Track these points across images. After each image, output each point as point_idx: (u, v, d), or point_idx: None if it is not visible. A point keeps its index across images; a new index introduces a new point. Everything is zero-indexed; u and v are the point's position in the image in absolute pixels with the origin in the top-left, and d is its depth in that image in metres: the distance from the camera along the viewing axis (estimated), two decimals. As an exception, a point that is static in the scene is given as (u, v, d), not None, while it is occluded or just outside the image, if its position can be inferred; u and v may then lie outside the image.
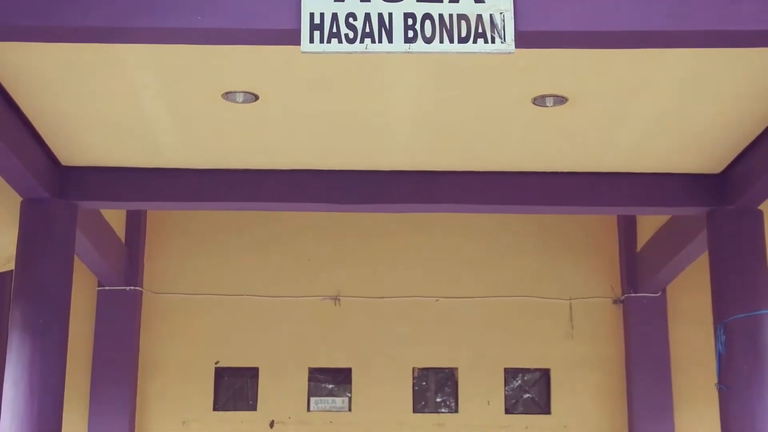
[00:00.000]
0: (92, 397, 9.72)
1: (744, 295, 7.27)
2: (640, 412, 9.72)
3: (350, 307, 10.24)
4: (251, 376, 10.22)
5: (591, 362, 10.12)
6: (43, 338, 7.14)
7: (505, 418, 10.06)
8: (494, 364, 10.17)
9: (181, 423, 9.97)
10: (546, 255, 10.37)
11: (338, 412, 10.11)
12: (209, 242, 10.39)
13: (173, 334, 10.16)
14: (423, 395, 10.28)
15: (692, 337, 9.89)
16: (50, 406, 7.10)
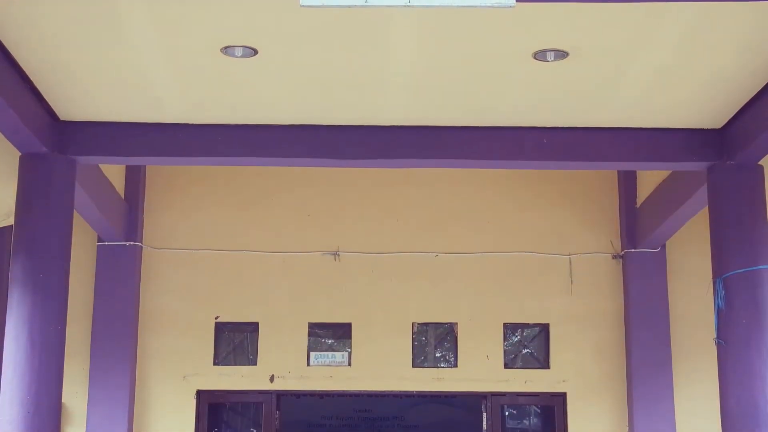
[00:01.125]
0: (93, 351, 9.76)
1: (743, 250, 7.28)
2: (639, 366, 9.77)
3: (350, 262, 10.25)
4: (251, 331, 10.25)
5: (590, 317, 10.15)
6: (44, 293, 7.15)
7: (504, 372, 10.12)
8: (493, 319, 10.21)
9: (182, 377, 10.03)
10: (546, 210, 10.37)
11: (338, 367, 10.17)
12: (209, 197, 10.39)
13: (173, 289, 10.18)
14: (422, 350, 10.33)
15: (691, 292, 9.92)
16: (51, 360, 7.13)
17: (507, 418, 10.37)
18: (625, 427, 9.85)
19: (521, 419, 10.53)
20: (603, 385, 10.02)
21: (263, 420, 10.17)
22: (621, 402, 9.92)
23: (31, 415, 6.90)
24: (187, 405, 9.98)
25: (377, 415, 20.21)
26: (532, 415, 10.47)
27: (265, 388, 10.11)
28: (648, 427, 9.63)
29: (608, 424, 9.93)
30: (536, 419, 10.47)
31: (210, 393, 10.13)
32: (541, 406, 10.37)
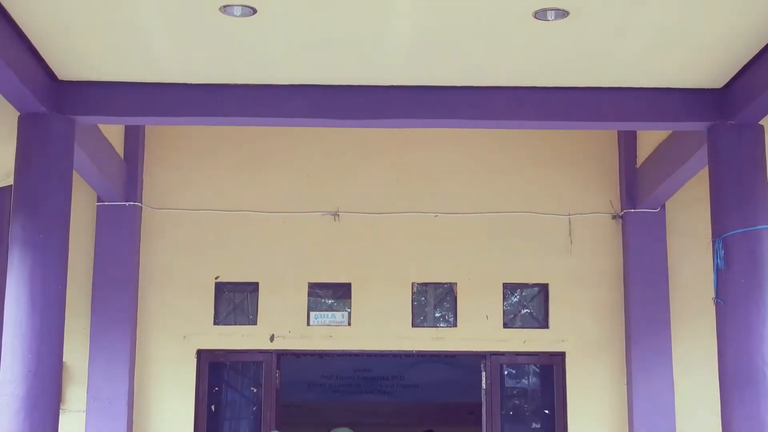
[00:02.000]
0: (93, 311, 9.80)
1: (743, 210, 7.28)
2: (638, 326, 9.81)
3: (349, 222, 10.26)
4: (251, 291, 10.28)
5: (589, 277, 10.18)
6: (44, 253, 7.16)
7: (503, 332, 10.15)
8: (493, 279, 10.23)
9: (182, 337, 10.07)
10: (546, 170, 10.36)
11: (338, 327, 10.20)
12: (208, 157, 10.38)
13: (173, 249, 10.20)
14: (422, 310, 10.35)
15: (690, 252, 9.94)
16: (52, 319, 7.16)
17: (506, 377, 10.42)
18: (624, 385, 9.91)
19: (520, 378, 10.58)
20: (601, 345, 10.06)
21: (263, 379, 10.22)
22: (619, 361, 9.97)
23: (32, 374, 6.95)
24: (187, 364, 10.03)
25: (377, 375, 20.44)
26: (531, 374, 10.52)
27: (265, 348, 10.15)
28: (646, 385, 9.69)
29: (607, 383, 9.99)
30: (535, 378, 10.52)
31: (210, 352, 10.17)
32: (540, 366, 10.42)
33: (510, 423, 10.35)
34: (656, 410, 9.66)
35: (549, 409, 10.26)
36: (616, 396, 9.94)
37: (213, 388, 10.24)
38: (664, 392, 9.70)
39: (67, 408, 9.59)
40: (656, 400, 9.67)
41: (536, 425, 10.44)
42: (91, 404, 9.65)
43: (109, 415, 9.62)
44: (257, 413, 10.26)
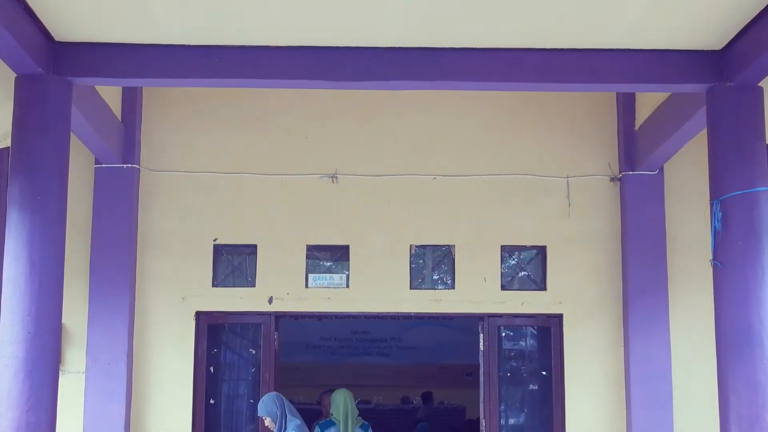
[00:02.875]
0: (92, 273, 9.81)
1: (741, 172, 7.27)
2: (635, 288, 9.83)
3: (348, 184, 10.25)
4: (249, 253, 10.29)
5: (587, 240, 10.19)
6: (42, 214, 7.16)
7: (501, 294, 10.18)
8: (491, 241, 10.25)
9: (181, 299, 10.09)
10: (544, 133, 10.35)
11: (336, 289, 10.22)
12: (206, 119, 10.35)
13: (171, 211, 10.20)
14: (420, 272, 10.37)
15: (688, 214, 9.95)
16: (51, 281, 7.16)
17: (503, 339, 10.45)
18: (621, 347, 9.95)
19: (518, 340, 10.63)
20: (599, 307, 10.10)
21: (262, 341, 10.25)
22: (617, 323, 10.01)
23: (31, 336, 6.96)
24: (186, 326, 10.06)
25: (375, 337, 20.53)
26: (529, 336, 10.56)
27: (264, 310, 10.17)
28: (643, 347, 9.73)
29: (604, 345, 10.03)
30: (532, 340, 10.56)
31: (209, 314, 10.20)
32: (537, 328, 10.46)
33: (507, 385, 10.41)
34: (653, 372, 9.71)
35: (546, 370, 10.31)
36: (613, 357, 9.98)
37: (212, 350, 10.28)
38: (661, 354, 9.74)
39: (67, 369, 9.63)
40: (653, 361, 9.72)
41: (534, 387, 10.49)
42: (91, 366, 9.70)
43: (108, 376, 9.67)
44: (256, 375, 10.30)
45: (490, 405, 10.17)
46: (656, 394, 9.66)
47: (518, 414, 10.47)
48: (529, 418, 10.43)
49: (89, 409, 9.63)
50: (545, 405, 10.28)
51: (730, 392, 7.05)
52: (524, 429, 10.43)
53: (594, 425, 9.93)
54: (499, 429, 10.19)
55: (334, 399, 10.18)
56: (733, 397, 7.01)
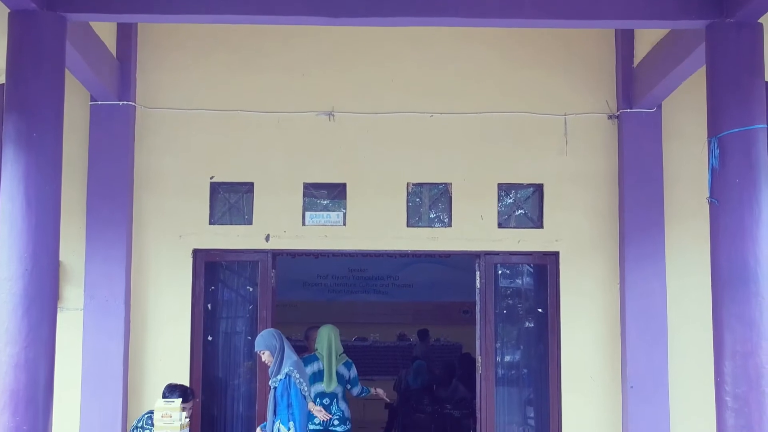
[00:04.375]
0: (89, 211, 9.81)
1: (739, 109, 7.24)
2: (632, 226, 9.85)
3: (345, 122, 10.22)
4: (246, 191, 10.29)
5: (584, 177, 10.19)
6: (38, 152, 7.13)
7: (497, 232, 10.20)
8: (488, 179, 10.24)
9: (178, 236, 10.10)
10: (542, 70, 10.29)
11: (333, 227, 10.23)
12: (202, 56, 10.29)
13: (167, 149, 10.18)
14: (417, 210, 10.38)
15: (686, 152, 9.94)
16: (48, 218, 7.16)
17: (500, 276, 10.50)
18: (617, 285, 9.99)
19: (514, 278, 10.67)
20: (595, 245, 10.12)
21: (259, 278, 10.29)
22: (613, 261, 10.04)
23: (29, 273, 6.97)
24: (183, 263, 10.08)
25: (372, 275, 20.60)
26: (525, 273, 10.60)
27: (261, 248, 10.20)
28: (639, 285, 9.78)
29: (600, 282, 10.07)
30: (529, 278, 10.60)
31: (206, 252, 10.22)
32: (533, 265, 10.50)
33: (504, 322, 10.47)
34: (648, 309, 9.76)
35: (542, 308, 10.36)
36: (609, 295, 10.03)
37: (209, 287, 10.32)
38: (657, 292, 9.79)
39: (65, 306, 9.67)
40: (649, 299, 9.77)
41: (530, 324, 10.56)
42: (89, 303, 9.74)
43: (106, 313, 9.71)
44: (253, 312, 10.36)
45: (486, 342, 10.24)
46: (651, 331, 9.72)
47: (514, 351, 10.56)
48: (525, 355, 10.52)
49: (87, 345, 9.69)
50: (541, 342, 10.36)
51: (724, 329, 7.09)
52: (520, 366, 10.52)
53: (589, 362, 10.00)
54: (495, 366, 10.27)
55: (319, 334, 10.26)
56: (728, 333, 7.06)
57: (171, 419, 7.89)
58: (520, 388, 10.51)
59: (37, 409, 6.91)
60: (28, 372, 6.88)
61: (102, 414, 9.54)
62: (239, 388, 10.41)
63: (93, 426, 9.50)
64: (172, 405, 7.97)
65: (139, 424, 8.63)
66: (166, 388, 8.67)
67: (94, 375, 9.64)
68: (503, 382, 10.39)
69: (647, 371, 9.68)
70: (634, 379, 9.68)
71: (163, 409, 7.94)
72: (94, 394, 9.61)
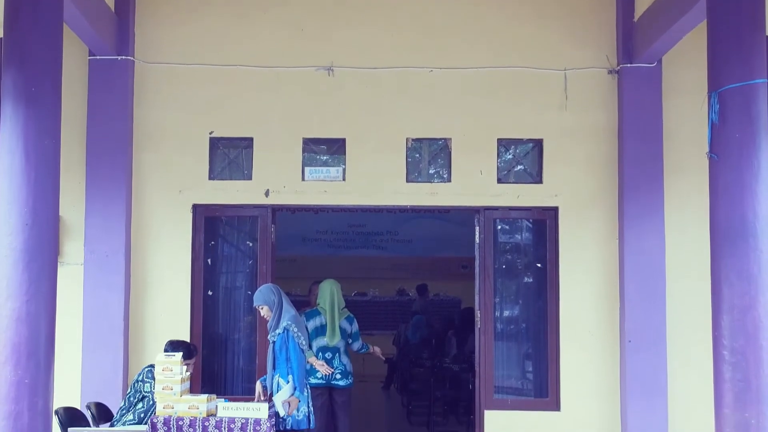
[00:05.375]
0: (88, 166, 9.82)
1: (740, 63, 7.20)
2: (631, 181, 9.86)
3: (344, 77, 10.19)
4: (246, 146, 10.28)
5: (584, 133, 10.18)
6: (37, 106, 7.11)
7: (497, 187, 10.20)
8: (487, 134, 10.23)
9: (178, 192, 10.11)
10: (542, 25, 10.25)
11: (332, 182, 10.23)
12: (201, 10, 10.24)
13: (166, 104, 10.16)
14: (416, 165, 10.38)
15: (686, 107, 9.92)
16: (47, 173, 7.15)
17: (499, 232, 10.51)
18: (615, 240, 10.02)
19: (513, 233, 10.68)
20: (594, 200, 10.13)
21: (259, 234, 10.30)
22: (612, 216, 10.05)
23: (29, 227, 6.98)
24: (183, 219, 10.10)
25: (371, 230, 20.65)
26: (524, 229, 10.62)
27: (261, 203, 10.20)
28: (638, 240, 9.80)
29: (599, 237, 10.09)
30: (528, 233, 10.62)
31: (206, 207, 10.24)
32: (532, 220, 10.51)
33: (503, 277, 10.50)
34: (647, 265, 9.79)
35: (541, 263, 10.39)
36: (608, 250, 10.06)
37: (209, 243, 10.34)
38: (655, 247, 9.81)
39: (65, 261, 9.70)
40: (647, 254, 9.80)
41: (528, 279, 10.59)
42: (89, 258, 9.77)
43: (106, 268, 9.75)
44: (253, 267, 10.39)
45: (485, 297, 10.28)
46: (650, 285, 9.76)
47: (513, 305, 10.60)
48: (523, 310, 10.56)
49: (88, 300, 9.74)
50: (540, 297, 10.39)
51: (723, 283, 7.11)
52: (519, 320, 10.57)
53: (588, 316, 10.05)
54: (494, 321, 10.32)
55: (321, 289, 10.32)
56: (726, 288, 7.07)
57: (172, 373, 7.94)
58: (518, 342, 10.57)
59: (38, 362, 6.95)
60: (30, 326, 6.91)
61: (103, 368, 9.61)
62: (239, 343, 10.47)
63: (94, 379, 9.57)
64: (172, 359, 8.01)
65: (139, 377, 8.69)
66: (168, 344, 8.71)
67: (94, 329, 9.69)
68: (502, 336, 10.45)
69: (645, 326, 9.73)
70: (632, 334, 9.73)
71: (163, 362, 7.98)
72: (95, 348, 9.67)
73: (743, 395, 6.81)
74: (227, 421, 7.86)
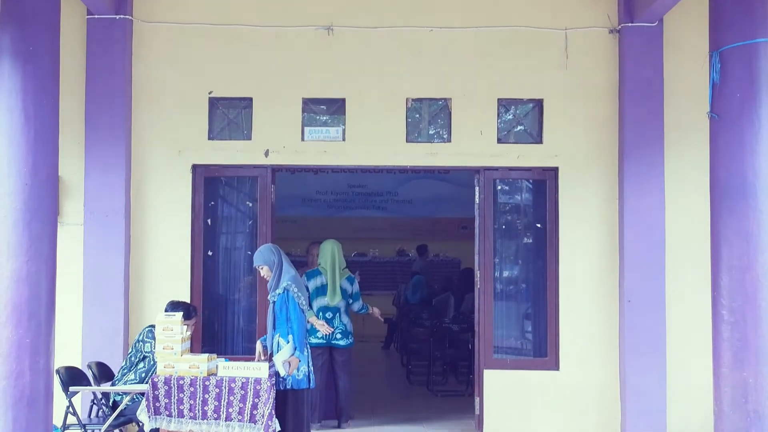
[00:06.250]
0: (87, 126, 9.79)
1: (741, 23, 7.17)
2: (631, 141, 9.82)
3: (343, 37, 10.14)
4: (245, 106, 10.25)
5: (584, 92, 10.14)
6: (35, 65, 7.09)
7: (497, 147, 10.18)
8: (487, 94, 10.20)
9: (177, 152, 10.09)
10: (543, -16, 10.20)
11: (332, 142, 10.21)
12: (199, -31, 10.18)
13: (165, 63, 10.11)
14: (416, 126, 10.35)
15: (687, 67, 9.89)
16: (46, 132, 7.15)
17: (499, 192, 10.51)
18: (615, 200, 10.01)
19: (513, 193, 10.68)
20: (595, 160, 10.11)
21: (259, 194, 10.30)
22: (612, 176, 10.04)
23: (29, 187, 6.99)
24: (183, 179, 10.09)
25: (371, 190, 20.66)
26: (524, 189, 10.61)
27: (260, 163, 10.19)
28: (638, 200, 9.80)
29: (599, 197, 10.08)
30: (527, 193, 10.61)
31: (205, 167, 10.22)
32: (532, 181, 10.49)
33: (502, 237, 10.51)
34: (647, 224, 9.79)
35: (541, 223, 10.39)
36: (608, 210, 10.06)
37: (209, 203, 10.34)
38: (655, 207, 9.81)
39: (65, 221, 9.71)
40: (647, 214, 9.80)
41: (528, 239, 10.59)
42: (89, 217, 9.77)
43: (106, 228, 9.75)
44: (253, 227, 10.39)
45: (484, 257, 10.29)
46: (649, 245, 9.77)
47: (513, 266, 10.61)
48: (523, 270, 10.57)
49: (88, 260, 9.75)
50: (539, 257, 10.41)
51: (722, 243, 7.13)
52: (518, 281, 10.58)
53: (587, 277, 10.07)
54: (494, 281, 10.34)
55: (322, 249, 10.35)
56: (725, 247, 7.10)
57: (172, 332, 7.96)
58: (518, 302, 10.60)
59: (39, 322, 6.98)
60: (30, 285, 6.93)
61: (103, 327, 9.63)
62: (239, 303, 10.49)
63: (95, 339, 9.60)
64: (173, 319, 8.03)
65: (140, 337, 8.72)
66: (169, 304, 8.74)
67: (95, 289, 9.71)
68: (501, 296, 10.47)
69: (644, 286, 9.76)
70: (631, 294, 9.76)
71: (164, 322, 8.01)
72: (96, 307, 9.69)
73: (741, 354, 6.85)
74: (228, 381, 7.89)
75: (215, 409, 7.84)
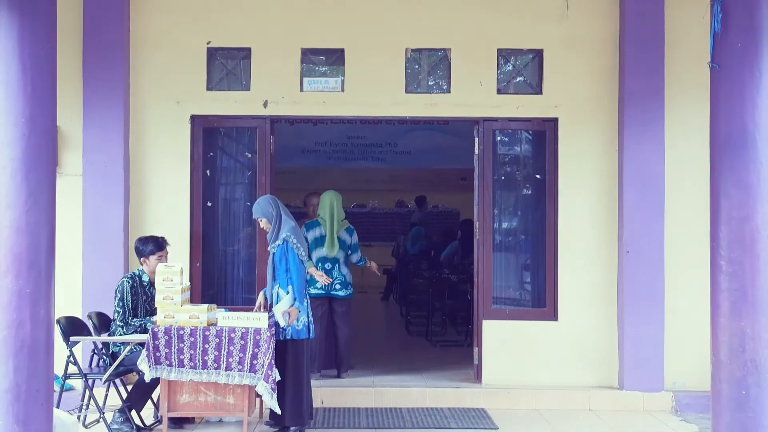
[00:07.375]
0: (85, 77, 9.75)
1: (744, -29, 7.12)
2: (632, 92, 9.74)
3: (342, -14, 10.09)
4: (243, 57, 10.21)
5: (584, 43, 10.09)
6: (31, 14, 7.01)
7: (497, 98, 10.15)
8: (487, 44, 10.15)
9: (176, 102, 10.06)
10: (544, -68, 10.11)
11: (331, 93, 10.17)
12: None
13: (163, 13, 10.05)
14: (416, 76, 10.31)
15: (688, 17, 9.83)
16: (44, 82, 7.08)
17: (498, 143, 10.49)
18: (615, 151, 10.00)
19: (512, 145, 10.66)
20: (595, 111, 10.09)
21: (258, 145, 10.28)
22: (612, 127, 10.02)
23: (26, 137, 6.94)
24: (181, 130, 10.07)
25: (370, 141, 20.63)
26: (524, 140, 10.59)
27: (259, 114, 10.16)
28: (638, 151, 9.79)
29: (598, 148, 10.07)
30: (527, 144, 10.59)
31: (204, 118, 10.19)
32: (532, 131, 10.47)
33: (502, 188, 10.51)
34: (646, 175, 9.80)
35: (540, 174, 10.39)
36: (608, 161, 10.05)
37: (208, 154, 10.32)
38: (655, 158, 9.80)
39: (64, 172, 9.71)
40: (647, 165, 9.79)
41: (527, 191, 10.59)
42: (88, 168, 9.76)
43: (105, 179, 9.75)
44: (252, 178, 10.38)
45: (484, 209, 10.29)
46: (649, 196, 9.78)
47: (512, 217, 10.62)
48: (522, 221, 10.59)
49: (88, 211, 9.76)
50: (538, 208, 10.41)
51: (721, 194, 7.11)
52: (517, 232, 10.60)
53: (586, 227, 10.09)
54: (493, 232, 10.35)
55: (321, 200, 10.37)
56: (725, 199, 7.08)
57: (172, 283, 7.99)
58: (517, 253, 10.62)
59: (39, 272, 6.97)
60: (30, 236, 6.91)
61: (103, 278, 9.64)
62: (239, 254, 10.51)
63: (95, 290, 9.62)
64: (173, 269, 8.05)
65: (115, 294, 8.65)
66: (137, 241, 8.78)
67: (94, 239, 9.73)
68: (501, 247, 10.49)
69: (643, 237, 9.78)
70: (630, 244, 9.78)
71: (164, 273, 8.03)
72: (95, 258, 9.71)
73: (739, 304, 6.86)
74: (227, 331, 7.93)
75: (215, 359, 7.89)
